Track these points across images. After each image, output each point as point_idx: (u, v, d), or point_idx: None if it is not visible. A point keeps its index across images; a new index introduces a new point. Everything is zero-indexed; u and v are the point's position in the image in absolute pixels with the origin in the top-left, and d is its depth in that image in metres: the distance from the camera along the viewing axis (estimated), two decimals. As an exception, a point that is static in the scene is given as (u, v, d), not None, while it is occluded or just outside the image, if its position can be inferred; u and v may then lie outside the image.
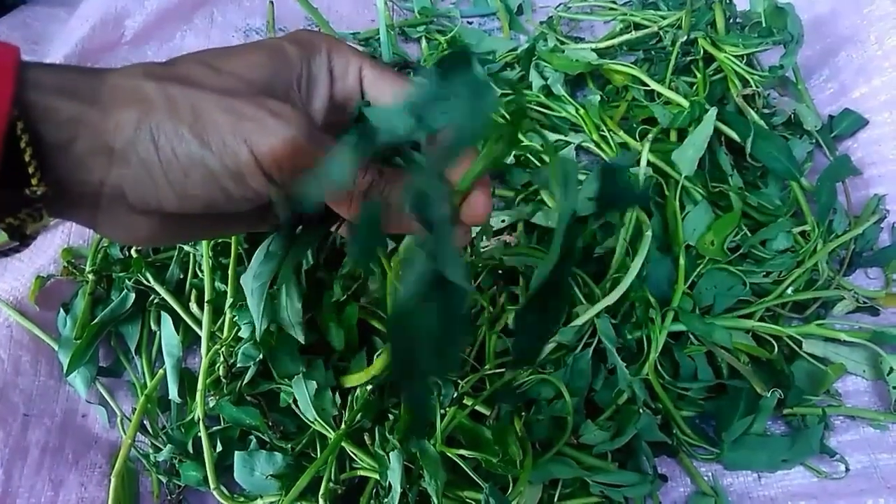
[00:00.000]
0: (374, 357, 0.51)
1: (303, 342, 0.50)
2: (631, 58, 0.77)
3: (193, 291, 0.58)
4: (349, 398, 0.51)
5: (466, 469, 0.48)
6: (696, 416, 0.57)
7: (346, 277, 0.52)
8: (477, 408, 0.51)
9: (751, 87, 0.68)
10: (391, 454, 0.47)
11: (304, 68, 0.34)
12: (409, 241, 0.39)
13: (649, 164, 0.62)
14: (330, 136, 0.32)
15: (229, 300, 0.53)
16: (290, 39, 0.34)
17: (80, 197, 0.29)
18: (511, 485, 0.47)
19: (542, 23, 0.83)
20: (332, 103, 0.35)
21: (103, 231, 0.32)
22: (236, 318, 0.52)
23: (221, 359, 0.53)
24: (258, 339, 0.50)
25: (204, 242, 0.57)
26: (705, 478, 0.55)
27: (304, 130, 0.29)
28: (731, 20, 0.75)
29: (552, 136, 0.69)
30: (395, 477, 0.46)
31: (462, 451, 0.48)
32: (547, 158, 0.65)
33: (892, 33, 0.69)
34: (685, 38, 0.72)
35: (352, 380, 0.51)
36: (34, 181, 0.27)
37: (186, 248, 0.60)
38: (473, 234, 0.49)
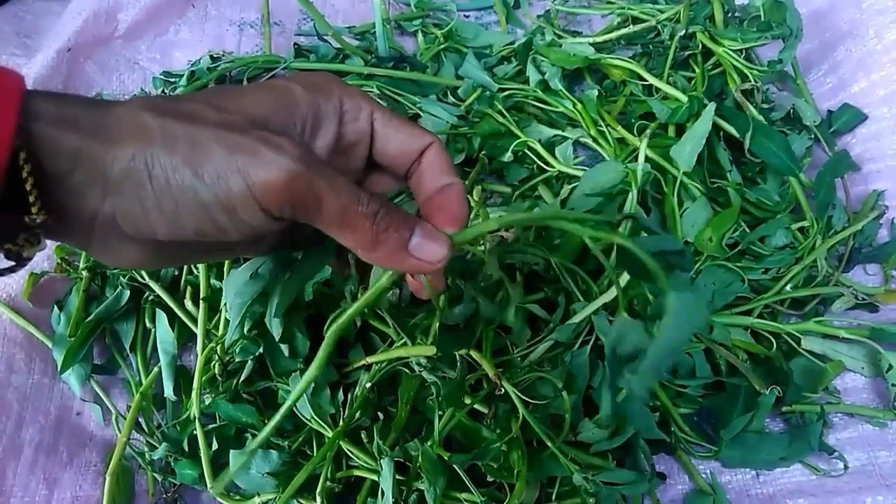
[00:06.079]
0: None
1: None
2: (629, 52, 0.77)
3: (189, 288, 0.58)
4: (349, 395, 0.51)
5: (462, 475, 0.47)
6: (694, 413, 0.57)
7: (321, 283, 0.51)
8: (475, 406, 0.50)
9: (749, 81, 0.68)
10: (383, 460, 0.47)
11: (310, 110, 0.33)
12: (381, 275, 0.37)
13: (647, 159, 0.62)
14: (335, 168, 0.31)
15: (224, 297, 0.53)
16: (301, 82, 0.34)
17: (75, 223, 0.29)
18: (508, 491, 0.47)
19: (539, 17, 0.82)
20: (341, 144, 0.35)
21: (96, 255, 0.32)
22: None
23: (217, 356, 0.52)
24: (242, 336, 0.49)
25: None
26: (703, 475, 0.55)
27: (301, 162, 0.29)
28: (730, 14, 0.75)
29: (549, 132, 0.68)
30: (386, 484, 0.46)
31: (461, 457, 0.48)
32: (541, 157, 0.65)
33: (892, 27, 0.69)
34: (683, 32, 0.71)
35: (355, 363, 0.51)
36: (34, 209, 0.27)
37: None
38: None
